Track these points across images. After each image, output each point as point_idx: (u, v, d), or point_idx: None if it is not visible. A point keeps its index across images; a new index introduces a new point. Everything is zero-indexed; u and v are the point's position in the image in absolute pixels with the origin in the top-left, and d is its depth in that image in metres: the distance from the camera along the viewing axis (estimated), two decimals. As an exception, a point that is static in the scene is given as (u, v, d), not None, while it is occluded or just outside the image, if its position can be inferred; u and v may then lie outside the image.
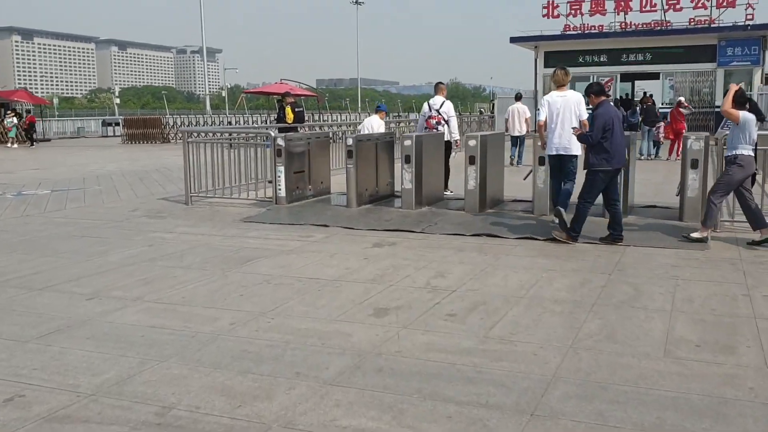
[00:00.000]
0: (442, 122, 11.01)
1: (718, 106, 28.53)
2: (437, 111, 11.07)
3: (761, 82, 27.94)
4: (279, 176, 10.29)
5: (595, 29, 30.93)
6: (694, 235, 7.66)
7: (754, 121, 7.48)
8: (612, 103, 7.87)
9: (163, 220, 9.58)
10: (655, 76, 30.25)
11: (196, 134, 12.37)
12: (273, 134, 10.39)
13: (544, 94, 30.30)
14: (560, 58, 32.10)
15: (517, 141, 17.30)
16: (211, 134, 12.27)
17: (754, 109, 7.58)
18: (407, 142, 9.71)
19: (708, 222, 7.68)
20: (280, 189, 10.32)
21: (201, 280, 6.24)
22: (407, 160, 9.73)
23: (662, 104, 28.20)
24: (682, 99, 19.76)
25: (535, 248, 7.52)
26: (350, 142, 9.91)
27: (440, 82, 11.63)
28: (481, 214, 9.46)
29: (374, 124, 12.05)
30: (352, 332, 4.76)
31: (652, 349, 4.39)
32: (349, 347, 4.47)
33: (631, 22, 30.46)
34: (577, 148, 8.37)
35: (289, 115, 13.70)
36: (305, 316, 5.13)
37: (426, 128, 10.99)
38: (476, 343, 4.52)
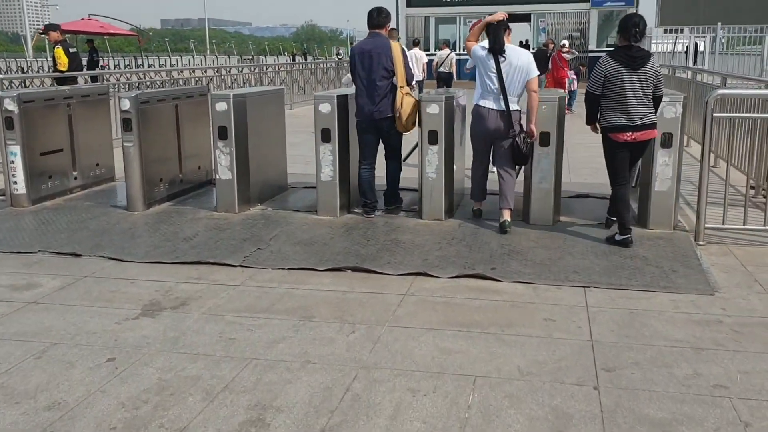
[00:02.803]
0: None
1: (592, 51, 26.89)
2: None
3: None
4: (12, 161, 6.30)
5: (462, -36, 27.86)
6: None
7: (481, 56, 5.59)
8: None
9: None
10: (526, 18, 27.81)
11: None
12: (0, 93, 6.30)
13: (407, 38, 27.09)
14: (424, -3, 28.98)
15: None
16: None
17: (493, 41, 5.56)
18: (221, 106, 6.03)
19: (504, 201, 5.69)
20: (15, 182, 6.34)
21: None
22: (222, 134, 6.08)
23: (533, 50, 25.91)
24: (566, 42, 17.24)
25: (436, 299, 4.25)
26: (126, 104, 6.06)
27: (394, 28, 10.90)
28: (343, 219, 6.07)
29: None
30: None
31: None
32: None
33: (500, -44, 27.59)
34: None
35: (62, 59, 9.42)
36: None
37: None
38: None
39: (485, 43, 5.80)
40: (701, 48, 21.15)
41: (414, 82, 6.63)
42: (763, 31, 20.57)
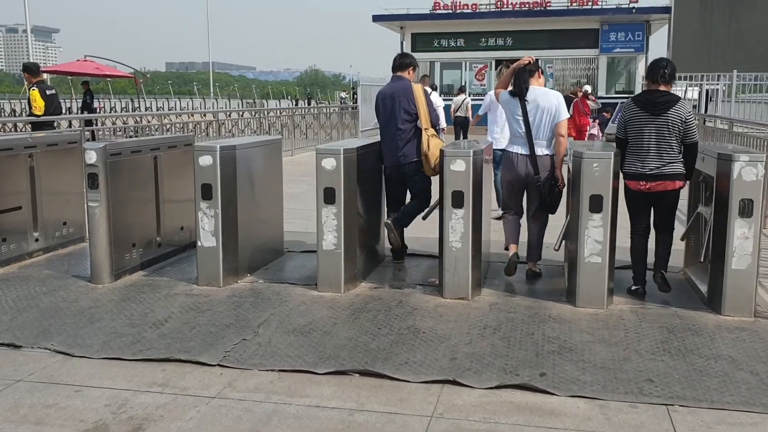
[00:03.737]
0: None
1: (601, 97, 26.19)
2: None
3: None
4: (-44, 223, 5.31)
5: (468, 8, 27.35)
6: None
7: (507, 100, 5.38)
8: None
9: None
10: (533, 63, 27.12)
11: None
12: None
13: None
14: (428, 41, 28.50)
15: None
16: None
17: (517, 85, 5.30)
18: (206, 160, 5.06)
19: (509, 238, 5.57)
20: (-42, 248, 5.34)
21: None
22: (206, 194, 5.10)
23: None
24: (589, 88, 16.42)
25: (474, 427, 3.19)
26: (92, 157, 5.08)
27: (425, 75, 11.29)
28: (348, 297, 5.04)
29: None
30: None
31: None
32: None
33: (507, 1, 27.14)
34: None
35: (37, 102, 8.52)
36: None
37: None
38: None
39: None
40: (711, 96, 20.47)
41: (439, 127, 6.06)
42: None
